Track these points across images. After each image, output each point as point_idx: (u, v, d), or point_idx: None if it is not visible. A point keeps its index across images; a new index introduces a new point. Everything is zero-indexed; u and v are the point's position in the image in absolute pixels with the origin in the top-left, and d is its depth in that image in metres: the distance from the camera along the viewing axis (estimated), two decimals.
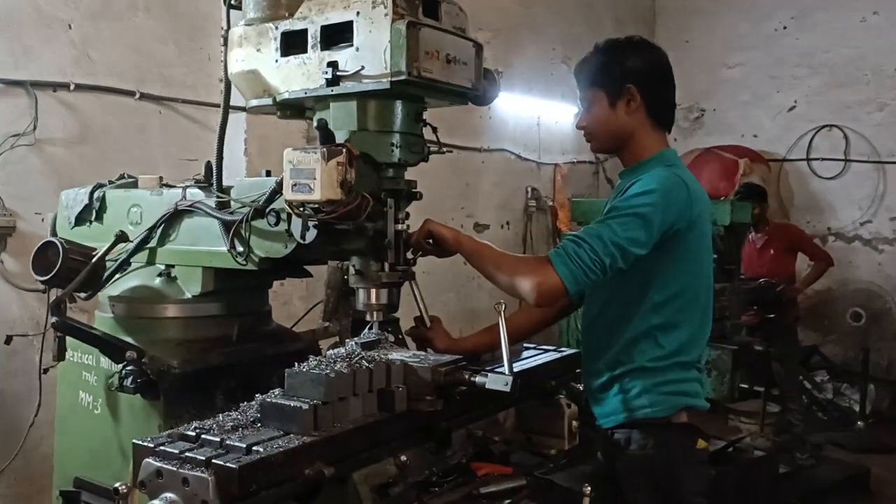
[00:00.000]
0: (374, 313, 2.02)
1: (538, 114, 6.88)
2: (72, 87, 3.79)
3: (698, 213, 2.13)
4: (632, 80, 2.18)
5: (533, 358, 2.43)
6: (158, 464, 1.45)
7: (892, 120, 7.25)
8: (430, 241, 2.10)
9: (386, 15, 1.77)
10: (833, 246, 7.17)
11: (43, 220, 3.46)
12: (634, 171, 2.23)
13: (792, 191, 7.75)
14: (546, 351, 2.52)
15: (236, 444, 1.48)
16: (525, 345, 2.51)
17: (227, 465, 1.39)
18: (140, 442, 1.52)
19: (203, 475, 1.39)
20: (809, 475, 5.25)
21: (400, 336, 2.14)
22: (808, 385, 6.91)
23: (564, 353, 2.49)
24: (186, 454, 1.45)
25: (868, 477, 5.36)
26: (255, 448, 1.46)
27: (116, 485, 1.48)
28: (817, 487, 5.07)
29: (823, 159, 7.55)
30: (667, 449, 2.15)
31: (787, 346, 5.71)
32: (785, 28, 7.77)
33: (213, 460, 1.41)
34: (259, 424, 1.61)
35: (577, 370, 2.50)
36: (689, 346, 2.19)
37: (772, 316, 5.51)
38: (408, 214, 2.05)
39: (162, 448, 1.48)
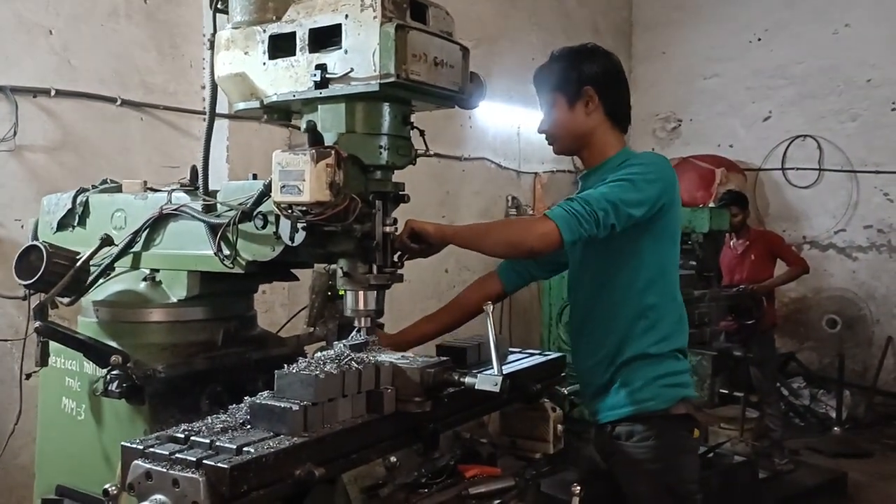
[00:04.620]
0: (363, 318, 2.01)
1: (518, 123, 6.91)
2: (52, 93, 3.77)
3: (677, 192, 2.25)
4: (588, 82, 2.29)
5: (518, 361, 2.43)
6: (148, 465, 1.43)
7: (864, 130, 7.36)
8: (414, 239, 2.11)
9: (375, 18, 1.77)
10: (808, 254, 7.25)
11: (23, 226, 3.42)
12: (599, 169, 2.29)
13: (767, 200, 7.85)
14: (531, 354, 2.53)
15: (226, 445, 1.47)
16: (510, 349, 2.52)
17: (219, 465, 1.38)
18: (129, 444, 1.50)
19: (194, 476, 1.38)
20: (788, 480, 5.31)
21: None
22: (784, 391, 6.98)
23: (549, 357, 2.49)
24: (176, 455, 1.43)
25: (845, 481, 5.44)
26: (245, 449, 1.45)
27: (106, 486, 1.46)
28: (796, 492, 5.14)
29: (798, 169, 7.66)
30: (668, 440, 2.21)
31: (764, 352, 5.76)
32: (759, 40, 7.89)
33: (204, 461, 1.40)
34: (248, 426, 1.60)
35: (562, 374, 2.51)
36: (678, 332, 2.28)
37: (749, 322, 5.57)
38: (395, 219, 2.05)
39: (151, 450, 1.47)
